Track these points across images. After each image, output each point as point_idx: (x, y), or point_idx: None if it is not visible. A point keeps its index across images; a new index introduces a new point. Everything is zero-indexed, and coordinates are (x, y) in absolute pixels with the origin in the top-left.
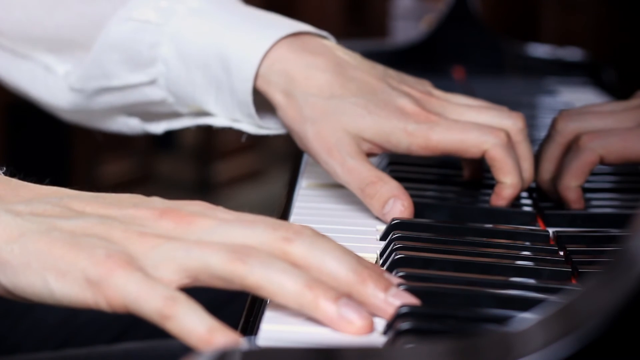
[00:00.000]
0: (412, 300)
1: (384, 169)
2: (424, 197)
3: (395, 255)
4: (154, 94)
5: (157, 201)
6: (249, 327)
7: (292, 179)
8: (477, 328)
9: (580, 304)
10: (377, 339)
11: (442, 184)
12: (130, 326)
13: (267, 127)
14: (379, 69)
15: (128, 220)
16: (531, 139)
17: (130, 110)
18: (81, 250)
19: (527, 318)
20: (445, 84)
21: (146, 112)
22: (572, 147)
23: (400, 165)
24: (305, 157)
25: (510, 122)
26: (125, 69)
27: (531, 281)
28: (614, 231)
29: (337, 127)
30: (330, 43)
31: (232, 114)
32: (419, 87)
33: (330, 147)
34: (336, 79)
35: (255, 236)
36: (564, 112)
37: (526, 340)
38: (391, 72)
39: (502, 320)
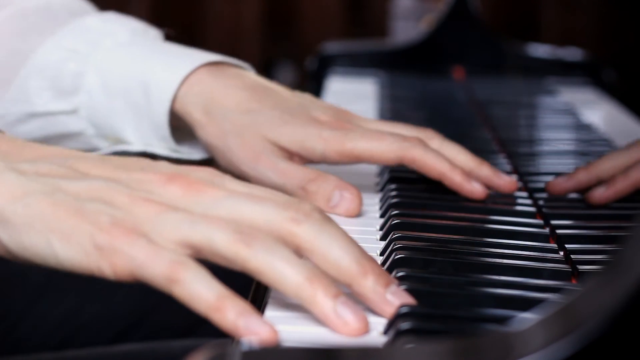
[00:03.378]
0: (410, 300)
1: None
2: (424, 197)
3: (395, 255)
4: (74, 124)
5: (164, 166)
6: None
7: None
8: (477, 328)
9: (580, 304)
10: (377, 339)
11: (442, 184)
12: (130, 327)
13: (181, 152)
14: (297, 92)
15: (134, 184)
16: (531, 139)
17: (49, 143)
18: (86, 215)
19: (527, 318)
20: (445, 84)
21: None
22: None
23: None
24: None
25: (422, 133)
26: (49, 96)
27: (531, 281)
28: (614, 231)
29: (259, 137)
30: (249, 72)
31: (147, 139)
32: (336, 107)
33: (257, 154)
34: (253, 95)
35: (263, 214)
36: None
37: (526, 340)
38: (309, 96)
39: (502, 320)
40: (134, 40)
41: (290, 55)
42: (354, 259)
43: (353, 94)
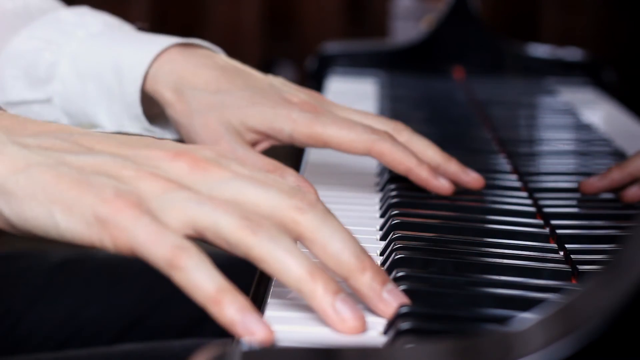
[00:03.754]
0: (406, 300)
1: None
2: (424, 197)
3: (396, 255)
4: (48, 113)
5: (169, 143)
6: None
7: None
8: (477, 328)
9: (580, 304)
10: (377, 339)
11: None
12: (130, 327)
13: (154, 132)
14: (270, 76)
15: (140, 160)
16: (531, 139)
17: None
18: (90, 187)
19: (527, 318)
20: (445, 84)
21: None
22: None
23: None
24: (305, 157)
25: (392, 125)
26: (23, 85)
27: (531, 281)
28: (614, 231)
29: (223, 119)
30: (220, 54)
31: (120, 120)
32: (309, 91)
33: (218, 137)
34: (223, 75)
35: (268, 199)
36: None
37: (526, 340)
38: (282, 79)
39: (502, 320)
40: (107, 31)
41: (290, 55)
42: (353, 253)
43: (353, 94)
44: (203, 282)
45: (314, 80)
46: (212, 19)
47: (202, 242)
